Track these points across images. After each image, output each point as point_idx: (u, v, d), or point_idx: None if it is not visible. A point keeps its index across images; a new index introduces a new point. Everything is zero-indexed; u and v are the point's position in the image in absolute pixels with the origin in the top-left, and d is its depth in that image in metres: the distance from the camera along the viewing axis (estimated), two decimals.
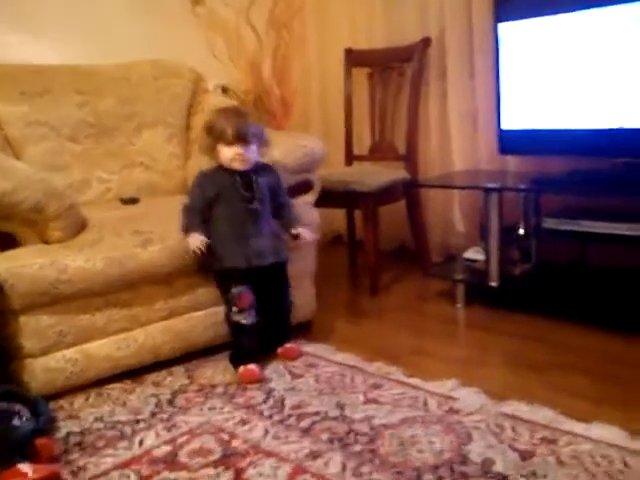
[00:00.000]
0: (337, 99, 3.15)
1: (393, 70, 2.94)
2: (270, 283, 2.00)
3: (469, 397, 1.73)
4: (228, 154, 1.91)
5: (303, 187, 2.31)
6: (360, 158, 3.07)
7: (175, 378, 1.96)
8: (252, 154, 1.93)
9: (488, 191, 2.29)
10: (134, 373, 1.96)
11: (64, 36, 2.68)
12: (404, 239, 3.12)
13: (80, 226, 1.95)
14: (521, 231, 2.35)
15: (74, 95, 2.43)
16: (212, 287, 2.02)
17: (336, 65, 3.14)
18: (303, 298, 2.19)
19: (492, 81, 2.53)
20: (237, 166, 1.92)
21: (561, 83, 2.24)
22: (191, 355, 2.05)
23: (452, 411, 1.67)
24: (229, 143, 1.89)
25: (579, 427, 1.55)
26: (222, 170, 1.94)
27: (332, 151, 3.12)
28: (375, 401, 1.74)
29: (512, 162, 2.67)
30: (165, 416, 1.74)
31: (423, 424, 1.61)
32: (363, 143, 3.11)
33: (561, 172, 2.30)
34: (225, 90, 3.16)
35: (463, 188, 2.63)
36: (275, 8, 3.07)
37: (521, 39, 2.32)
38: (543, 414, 1.62)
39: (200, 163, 2.23)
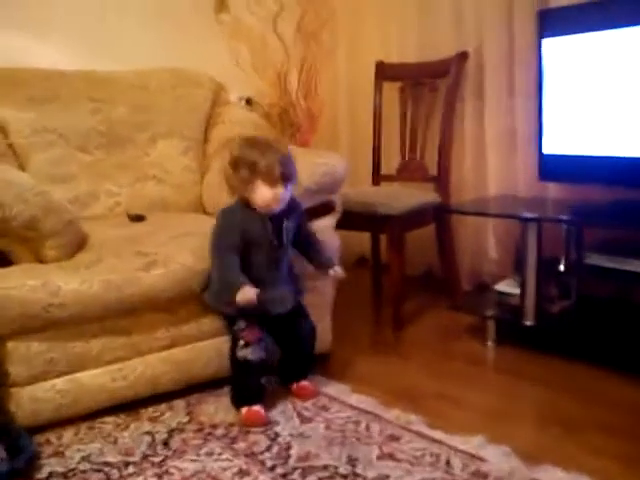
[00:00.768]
0: (366, 114, 2.97)
1: (426, 85, 2.76)
2: (288, 319, 1.83)
3: (498, 458, 1.53)
4: (268, 195, 1.69)
5: (323, 209, 2.13)
6: (388, 178, 2.89)
7: (174, 414, 1.80)
8: (289, 195, 1.75)
9: (526, 221, 2.09)
10: (130, 406, 1.81)
11: (77, 42, 2.56)
12: (432, 264, 2.93)
13: (79, 244, 1.82)
14: (561, 267, 2.14)
15: (86, 102, 2.31)
16: (217, 316, 1.86)
17: (366, 79, 2.96)
18: (319, 330, 2.00)
19: (533, 101, 2.34)
20: (275, 208, 1.72)
21: (609, 106, 2.04)
22: (193, 388, 1.89)
23: (479, 475, 1.47)
24: (273, 182, 1.68)
25: None
26: (250, 211, 1.74)
27: (360, 169, 2.97)
28: (392, 457, 1.55)
29: (551, 188, 2.46)
30: (157, 460, 1.58)
31: None
32: (392, 162, 2.92)
33: (604, 202, 2.10)
34: (249, 102, 3.01)
35: (499, 216, 2.43)
36: (303, 17, 2.92)
37: (567, 56, 2.12)
38: None
39: (217, 180, 2.08)
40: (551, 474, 1.45)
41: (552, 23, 2.14)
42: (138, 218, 2.08)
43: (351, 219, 2.31)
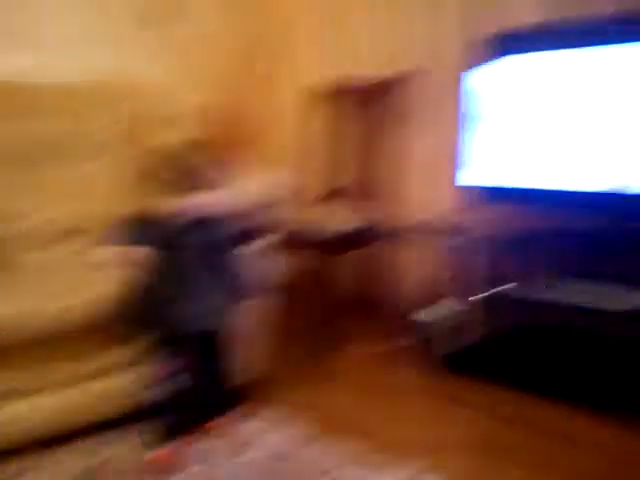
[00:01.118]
0: (312, 132, 2.91)
1: (372, 104, 2.71)
2: (203, 350, 1.74)
3: None
4: (174, 203, 1.62)
5: (263, 229, 2.06)
6: (334, 195, 2.82)
7: (80, 456, 1.67)
8: (209, 205, 1.67)
9: (451, 249, 2.06)
10: (31, 448, 1.67)
11: None
12: (367, 287, 2.87)
13: None
14: (483, 294, 2.11)
15: (9, 115, 2.15)
16: (131, 348, 1.76)
17: (313, 95, 2.90)
18: (251, 357, 1.95)
19: (463, 128, 2.31)
20: (186, 217, 1.63)
21: (536, 137, 2.04)
22: (99, 427, 1.76)
23: None
24: (178, 191, 1.62)
25: None
26: (160, 219, 1.65)
27: (306, 186, 2.90)
28: None
29: (475, 216, 2.42)
30: None
31: None
32: (323, 184, 2.86)
33: (529, 229, 2.07)
34: (187, 117, 2.91)
35: (428, 244, 2.41)
36: (247, 33, 2.85)
37: (495, 85, 2.11)
38: None
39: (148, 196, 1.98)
40: None
41: (488, 49, 2.12)
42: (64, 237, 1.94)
43: (290, 240, 2.24)
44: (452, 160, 2.44)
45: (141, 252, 1.63)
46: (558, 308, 1.92)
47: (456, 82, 2.38)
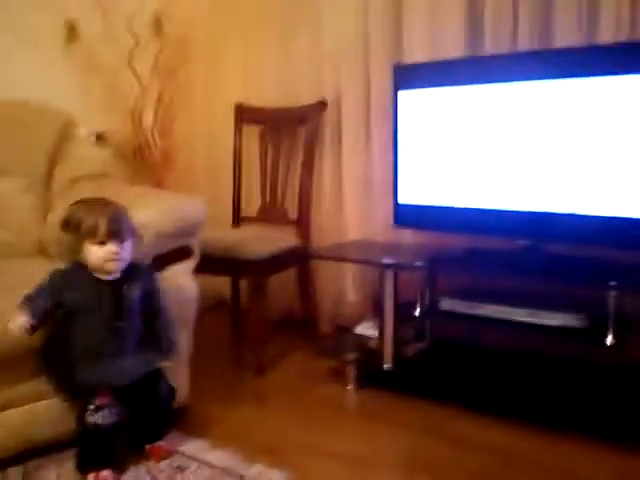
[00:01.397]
0: (225, 156, 2.92)
1: (285, 131, 2.76)
2: (140, 385, 1.69)
3: None
4: (99, 255, 1.59)
5: (180, 254, 2.03)
6: (248, 220, 2.84)
7: None
8: (127, 254, 1.64)
9: (384, 267, 2.13)
10: None
11: None
12: (291, 307, 2.89)
13: None
14: (417, 312, 2.20)
15: None
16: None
17: (225, 120, 2.91)
18: (176, 383, 1.87)
19: (389, 150, 2.42)
20: (111, 268, 1.61)
21: (461, 159, 2.15)
22: (30, 454, 1.68)
23: None
24: (101, 241, 1.58)
25: None
26: (87, 274, 1.62)
27: (218, 211, 2.88)
28: None
29: (406, 234, 2.54)
30: None
31: None
32: (252, 204, 2.88)
33: (458, 249, 2.19)
34: (100, 137, 2.85)
35: (358, 262, 2.46)
36: (160, 54, 2.84)
37: (422, 109, 2.21)
38: None
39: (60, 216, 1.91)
40: None
41: (408, 76, 2.24)
42: None
43: (210, 263, 2.21)
44: (381, 182, 2.55)
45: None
46: (491, 323, 2.02)
47: (383, 107, 2.49)
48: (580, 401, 1.88)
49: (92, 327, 1.61)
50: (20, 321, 1.53)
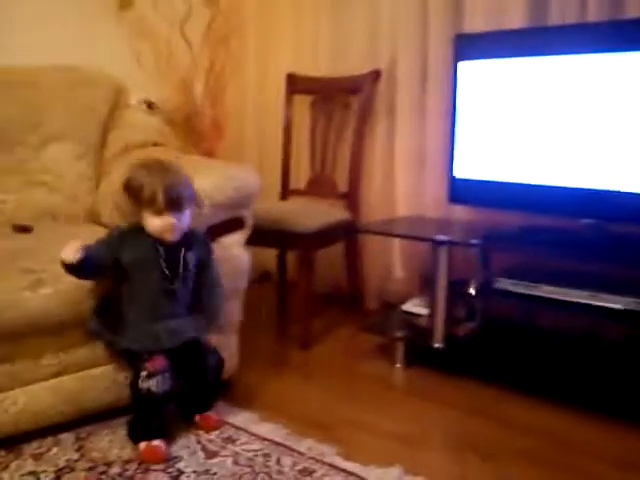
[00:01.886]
0: (275, 127, 2.88)
1: (338, 101, 2.71)
2: (190, 352, 1.69)
3: None
4: (157, 224, 1.57)
5: (233, 225, 2.01)
6: (297, 192, 2.81)
7: (62, 450, 1.62)
8: (185, 222, 1.62)
9: (438, 244, 2.07)
10: (10, 442, 1.60)
11: None
12: (338, 282, 2.87)
13: None
14: (472, 290, 2.14)
15: None
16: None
17: (276, 90, 2.87)
18: (226, 353, 1.85)
19: (445, 123, 2.34)
20: (168, 237, 1.60)
21: (522, 133, 2.06)
22: (83, 420, 1.70)
23: None
24: (159, 212, 1.56)
25: None
26: (145, 235, 1.61)
27: (267, 182, 2.84)
28: None
29: (458, 211, 2.47)
30: None
31: None
32: (301, 176, 2.85)
33: (514, 227, 2.12)
34: (151, 106, 2.84)
35: (411, 238, 2.40)
36: (213, 22, 2.80)
37: (482, 81, 2.13)
38: None
39: (115, 189, 1.91)
40: None
41: (470, 46, 2.15)
42: (24, 229, 1.87)
43: (258, 235, 2.18)
44: (435, 156, 2.48)
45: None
46: (549, 304, 1.94)
47: (440, 78, 2.42)
48: (634, 387, 1.81)
49: (147, 288, 1.61)
50: (71, 245, 1.51)
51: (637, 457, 1.66)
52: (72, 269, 1.53)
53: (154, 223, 1.58)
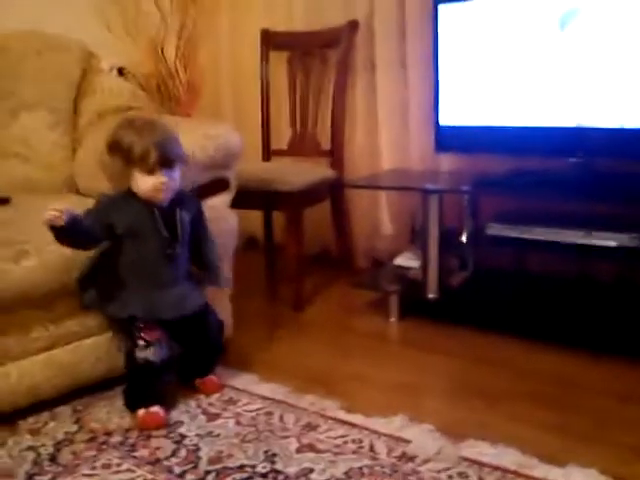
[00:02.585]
0: (252, 86, 2.81)
1: (315, 56, 2.64)
2: (189, 323, 1.64)
3: (422, 438, 1.46)
4: (148, 184, 1.50)
5: (216, 186, 1.96)
6: (278, 153, 2.75)
7: (59, 423, 1.57)
8: (177, 181, 1.55)
9: (428, 193, 2.04)
10: (5, 418, 1.55)
11: None
12: (326, 243, 2.84)
13: None
14: (464, 238, 2.12)
15: None
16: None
17: (251, 48, 2.79)
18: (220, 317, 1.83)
19: (427, 71, 2.29)
20: (160, 197, 1.53)
21: (506, 74, 2.02)
22: (78, 392, 1.66)
23: (406, 458, 1.39)
24: (150, 170, 1.49)
25: (555, 473, 1.32)
26: (135, 200, 1.54)
27: (247, 144, 2.75)
28: (312, 448, 1.44)
29: (444, 162, 2.44)
30: (46, 479, 1.35)
31: (373, 477, 1.33)
32: (282, 136, 2.78)
33: (503, 172, 2.09)
34: (122, 72, 2.74)
35: (401, 189, 2.36)
36: None
37: (463, 23, 2.08)
38: (511, 457, 1.37)
39: (92, 156, 1.85)
40: (478, 449, 1.40)
41: None
42: (2, 201, 1.80)
43: (243, 197, 2.13)
44: (418, 107, 2.43)
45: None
46: (542, 247, 1.93)
47: (419, 24, 2.36)
48: (628, 325, 1.81)
49: (146, 254, 1.55)
50: (56, 206, 1.42)
51: (636, 390, 1.67)
52: (61, 234, 1.45)
53: (145, 183, 1.51)
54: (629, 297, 1.96)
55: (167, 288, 1.57)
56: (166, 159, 1.49)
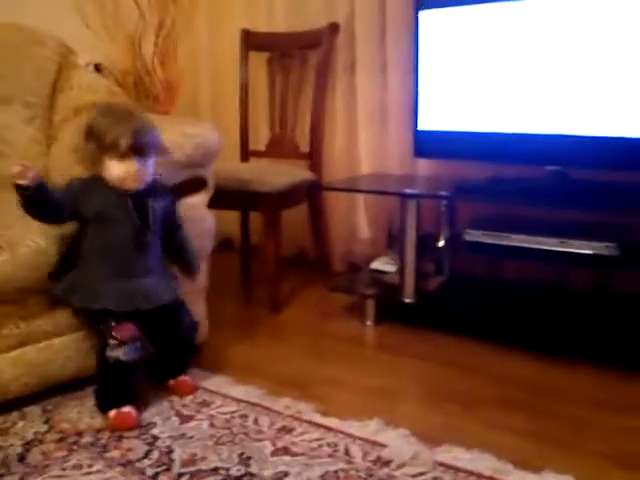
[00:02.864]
0: (231, 86, 2.80)
1: (295, 57, 2.63)
2: (165, 314, 1.62)
3: (398, 442, 1.45)
4: (119, 170, 1.49)
5: (193, 185, 1.93)
6: (256, 154, 2.73)
7: (28, 423, 1.54)
8: (149, 170, 1.54)
9: (406, 198, 2.04)
10: None
11: None
12: (303, 245, 2.83)
13: None
14: (441, 243, 2.13)
15: None
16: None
17: (230, 47, 2.78)
18: (195, 318, 1.80)
19: (406, 76, 2.31)
20: (130, 185, 1.51)
21: (486, 81, 2.04)
22: (48, 392, 1.63)
23: (381, 462, 1.38)
24: (122, 157, 1.47)
25: (530, 479, 1.33)
26: (106, 186, 1.52)
27: (225, 145, 2.71)
28: (287, 451, 1.42)
29: (422, 167, 2.45)
30: (15, 479, 1.32)
31: None
32: (260, 137, 2.77)
33: (482, 179, 2.10)
34: (98, 68, 2.70)
35: (380, 193, 2.35)
36: None
37: (444, 30, 2.08)
38: (486, 463, 1.37)
39: (66, 151, 1.81)
40: (454, 454, 1.40)
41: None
42: None
43: (221, 197, 2.10)
44: (398, 111, 2.43)
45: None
46: (519, 253, 1.93)
47: (400, 29, 2.36)
48: (604, 331, 1.84)
49: (117, 241, 1.52)
50: (24, 165, 1.39)
51: (611, 397, 1.69)
52: (27, 199, 1.42)
53: (116, 169, 1.49)
54: (604, 305, 1.99)
55: (139, 278, 1.55)
56: (139, 147, 1.48)
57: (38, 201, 1.44)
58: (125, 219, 1.52)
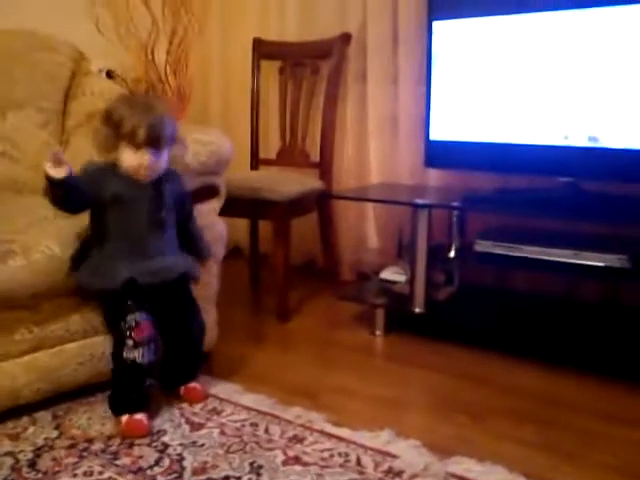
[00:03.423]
0: (242, 94, 2.81)
1: (307, 66, 2.64)
2: (175, 303, 1.62)
3: (409, 453, 1.45)
4: (133, 160, 1.50)
5: (206, 192, 1.94)
6: (266, 162, 2.74)
7: (39, 428, 1.54)
8: (162, 162, 1.55)
9: (417, 208, 2.04)
10: None
11: None
12: (313, 254, 2.83)
13: None
14: (452, 253, 2.12)
15: None
16: (89, 313, 1.63)
17: (242, 56, 2.79)
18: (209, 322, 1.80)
19: (417, 86, 2.32)
20: (143, 175, 1.53)
21: (499, 92, 2.04)
22: (59, 397, 1.63)
23: (393, 473, 1.37)
24: (137, 146, 1.48)
25: None
26: (122, 171, 1.53)
27: (235, 153, 2.75)
28: (298, 460, 1.42)
29: (432, 177, 2.45)
30: None
31: None
32: (271, 146, 2.78)
33: (492, 189, 2.11)
34: (110, 75, 2.72)
35: (392, 203, 2.34)
36: None
37: (456, 41, 2.09)
38: (498, 475, 1.37)
39: (79, 157, 1.82)
40: (465, 466, 1.40)
41: (444, 5, 2.11)
42: None
43: (231, 205, 2.10)
44: (409, 121, 2.44)
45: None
46: (530, 265, 1.93)
47: (412, 39, 2.37)
48: (613, 343, 1.84)
49: (131, 221, 1.53)
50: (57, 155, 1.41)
51: (620, 409, 1.68)
52: (55, 187, 1.43)
53: (130, 158, 1.50)
54: (615, 317, 1.99)
55: (157, 256, 1.56)
56: (154, 138, 1.48)
57: (64, 191, 1.45)
58: (141, 199, 1.53)
